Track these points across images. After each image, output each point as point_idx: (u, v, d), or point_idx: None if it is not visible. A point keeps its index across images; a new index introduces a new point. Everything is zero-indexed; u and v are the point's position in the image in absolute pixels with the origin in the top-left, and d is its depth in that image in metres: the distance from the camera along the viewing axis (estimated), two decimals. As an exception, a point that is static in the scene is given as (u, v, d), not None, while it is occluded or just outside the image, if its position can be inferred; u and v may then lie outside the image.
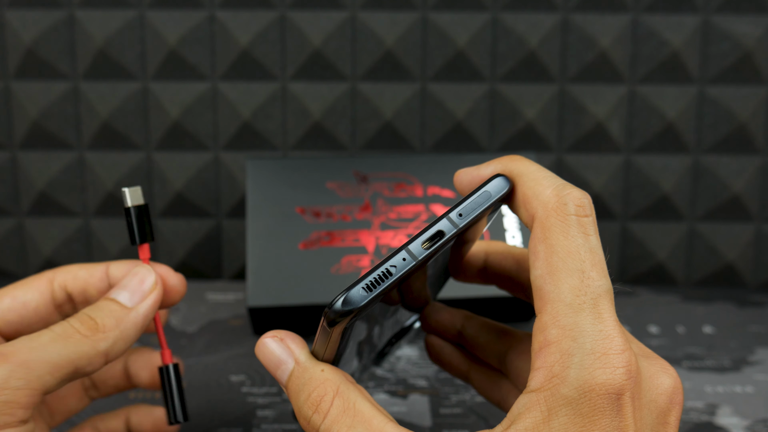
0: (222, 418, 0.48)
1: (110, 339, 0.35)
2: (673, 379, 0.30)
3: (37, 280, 0.39)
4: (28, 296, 0.39)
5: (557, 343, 0.28)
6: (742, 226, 0.65)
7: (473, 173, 0.33)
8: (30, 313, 0.39)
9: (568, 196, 0.30)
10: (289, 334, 0.33)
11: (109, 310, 0.36)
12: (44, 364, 0.32)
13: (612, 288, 0.29)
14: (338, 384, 0.31)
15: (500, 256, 0.38)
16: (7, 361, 0.32)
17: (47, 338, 0.33)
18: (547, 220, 0.29)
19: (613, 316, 0.28)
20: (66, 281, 0.39)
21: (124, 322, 0.36)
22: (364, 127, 0.64)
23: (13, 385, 0.31)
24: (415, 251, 0.30)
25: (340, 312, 0.29)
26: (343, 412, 0.30)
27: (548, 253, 0.29)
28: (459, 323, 0.41)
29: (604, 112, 0.64)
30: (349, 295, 0.29)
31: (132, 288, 0.37)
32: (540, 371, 0.28)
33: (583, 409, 0.27)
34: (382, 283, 0.29)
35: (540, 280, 0.29)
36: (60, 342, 0.33)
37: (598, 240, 0.30)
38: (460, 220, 0.30)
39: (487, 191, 0.31)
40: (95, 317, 0.35)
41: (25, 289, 0.39)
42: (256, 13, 0.63)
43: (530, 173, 0.31)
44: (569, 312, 0.28)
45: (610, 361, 0.27)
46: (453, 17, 0.63)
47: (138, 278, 0.37)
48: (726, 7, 0.62)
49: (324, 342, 0.30)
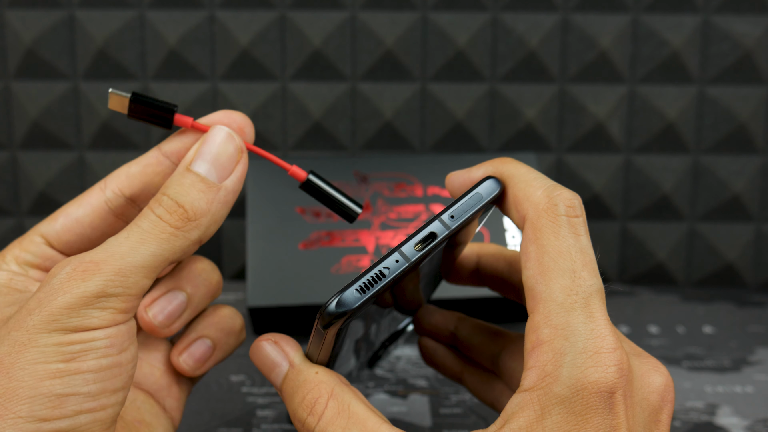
0: (222, 418, 0.48)
1: (203, 226, 0.32)
2: (665, 378, 0.30)
3: (87, 194, 0.36)
4: (80, 212, 0.36)
5: (549, 342, 0.28)
6: (742, 226, 0.65)
7: (464, 176, 0.33)
8: (87, 230, 0.36)
9: (559, 197, 0.30)
10: (284, 337, 0.33)
11: (197, 192, 0.32)
12: (139, 269, 0.30)
13: (603, 287, 0.29)
14: (333, 386, 0.31)
15: (492, 258, 0.38)
16: (99, 271, 0.30)
17: (136, 239, 0.31)
18: (537, 221, 0.30)
19: (605, 315, 0.29)
20: (120, 186, 0.36)
21: (215, 204, 0.32)
22: (364, 127, 0.64)
23: (111, 293, 0.30)
24: (408, 253, 0.30)
25: (334, 314, 0.29)
26: (337, 414, 0.30)
27: (539, 254, 0.29)
28: (452, 325, 0.41)
29: (604, 112, 0.64)
30: (343, 296, 0.29)
31: (209, 157, 0.33)
32: (533, 370, 0.28)
33: (575, 408, 0.27)
34: (375, 285, 0.29)
35: (532, 280, 0.29)
36: (152, 241, 0.31)
37: (589, 240, 0.30)
38: (452, 221, 0.31)
39: (479, 193, 0.31)
40: (184, 204, 0.32)
41: (77, 206, 0.36)
42: (256, 13, 0.63)
43: (521, 175, 0.31)
44: (561, 311, 0.28)
45: (602, 359, 0.28)
46: (453, 17, 0.63)
47: (215, 143, 0.34)
48: (726, 7, 0.62)
49: (318, 344, 0.31)
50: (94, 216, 0.36)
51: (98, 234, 0.36)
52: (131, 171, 0.36)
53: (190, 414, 0.47)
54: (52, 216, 0.36)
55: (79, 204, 0.36)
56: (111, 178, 0.36)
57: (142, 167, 0.36)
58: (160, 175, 0.36)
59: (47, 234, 0.36)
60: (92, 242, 0.36)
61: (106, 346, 0.30)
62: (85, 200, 0.36)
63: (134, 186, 0.36)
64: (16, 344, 0.29)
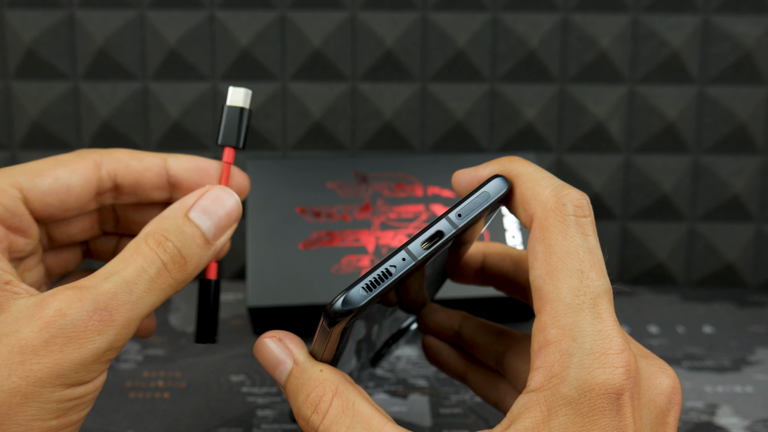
0: (222, 418, 0.48)
1: (190, 274, 0.33)
2: (672, 380, 0.30)
3: (82, 162, 0.35)
4: (72, 180, 0.34)
5: (557, 343, 0.28)
6: (742, 226, 0.65)
7: (472, 174, 0.33)
8: (71, 200, 0.35)
9: (567, 197, 0.30)
10: (288, 334, 0.33)
11: (195, 245, 0.32)
12: (140, 320, 0.31)
13: (611, 288, 0.29)
14: (337, 384, 0.31)
15: (498, 258, 0.38)
16: (113, 323, 0.29)
17: (145, 287, 0.31)
18: (545, 221, 0.30)
19: (613, 316, 0.28)
20: (116, 171, 0.35)
21: (204, 260, 0.33)
22: (364, 127, 0.64)
23: (116, 347, 0.30)
24: (415, 251, 0.30)
25: (340, 312, 0.29)
26: (342, 412, 0.30)
27: (547, 254, 0.29)
28: (456, 324, 0.41)
29: (604, 112, 0.64)
30: (349, 294, 0.29)
31: (215, 217, 0.33)
32: (540, 371, 0.28)
33: (582, 409, 0.27)
34: (382, 283, 0.29)
35: (539, 280, 0.29)
36: (157, 292, 0.31)
37: (597, 240, 0.30)
38: (459, 220, 0.30)
39: (486, 192, 0.31)
40: (185, 255, 0.32)
41: (70, 172, 0.34)
42: (256, 13, 0.63)
43: (528, 174, 0.31)
44: (569, 312, 0.28)
45: (610, 360, 0.28)
46: (453, 17, 0.63)
47: (223, 207, 0.34)
48: (726, 7, 0.62)
49: (323, 342, 0.30)
50: (83, 188, 0.35)
51: (76, 207, 0.35)
52: (131, 165, 0.36)
53: (190, 414, 0.47)
54: (33, 170, 0.34)
55: (71, 171, 0.35)
56: (108, 159, 0.35)
57: (143, 169, 0.36)
58: (153, 184, 0.36)
59: (28, 190, 0.34)
60: (65, 214, 0.35)
61: (93, 398, 0.30)
62: (79, 169, 0.35)
63: (128, 179, 0.36)
64: (17, 395, 0.28)
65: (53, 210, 0.34)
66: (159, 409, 0.48)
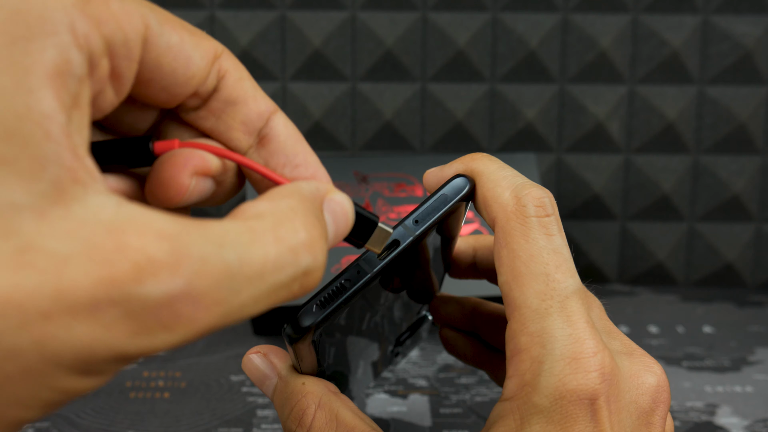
0: (222, 418, 0.48)
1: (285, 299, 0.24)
2: (657, 377, 0.29)
3: (209, 42, 0.25)
4: (196, 56, 0.25)
5: (527, 350, 0.28)
6: (742, 226, 0.65)
7: (438, 174, 0.32)
8: (180, 77, 0.25)
9: (527, 197, 0.29)
10: (272, 348, 0.32)
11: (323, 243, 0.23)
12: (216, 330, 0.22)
13: (582, 286, 0.29)
14: (320, 396, 0.30)
15: (488, 251, 0.37)
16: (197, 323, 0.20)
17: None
18: (507, 224, 0.29)
19: (584, 317, 0.28)
20: (227, 80, 0.26)
21: None
22: (364, 127, 0.64)
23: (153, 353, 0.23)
24: (371, 263, 0.28)
25: (293, 332, 0.28)
26: (326, 424, 0.30)
27: (511, 258, 0.28)
28: (469, 312, 0.40)
29: (604, 112, 0.64)
30: (302, 313, 0.28)
31: (338, 224, 0.25)
32: (512, 379, 0.28)
33: (555, 417, 0.27)
34: (336, 299, 0.28)
35: (506, 286, 0.29)
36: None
37: (563, 238, 0.29)
38: (416, 227, 0.29)
39: (444, 194, 0.30)
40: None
41: (195, 45, 0.25)
42: (256, 13, 0.63)
43: (490, 173, 0.30)
44: (536, 318, 0.28)
45: (582, 365, 0.27)
46: (453, 17, 0.63)
47: (346, 216, 0.26)
48: (726, 7, 0.62)
49: (296, 358, 0.30)
50: (199, 71, 0.25)
51: (180, 88, 0.25)
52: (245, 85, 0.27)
53: (190, 414, 0.47)
54: (165, 14, 0.24)
55: (197, 44, 0.25)
56: (227, 60, 0.26)
57: (253, 96, 0.27)
58: (250, 120, 0.27)
59: (152, 36, 0.23)
60: (161, 93, 0.25)
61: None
62: (203, 46, 0.25)
63: (232, 96, 0.27)
64: None
65: (159, 79, 0.24)
66: (159, 409, 0.48)
